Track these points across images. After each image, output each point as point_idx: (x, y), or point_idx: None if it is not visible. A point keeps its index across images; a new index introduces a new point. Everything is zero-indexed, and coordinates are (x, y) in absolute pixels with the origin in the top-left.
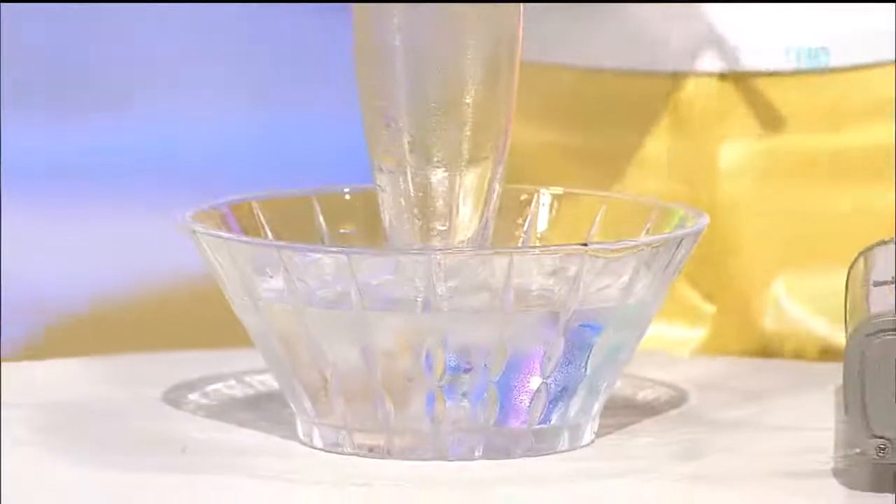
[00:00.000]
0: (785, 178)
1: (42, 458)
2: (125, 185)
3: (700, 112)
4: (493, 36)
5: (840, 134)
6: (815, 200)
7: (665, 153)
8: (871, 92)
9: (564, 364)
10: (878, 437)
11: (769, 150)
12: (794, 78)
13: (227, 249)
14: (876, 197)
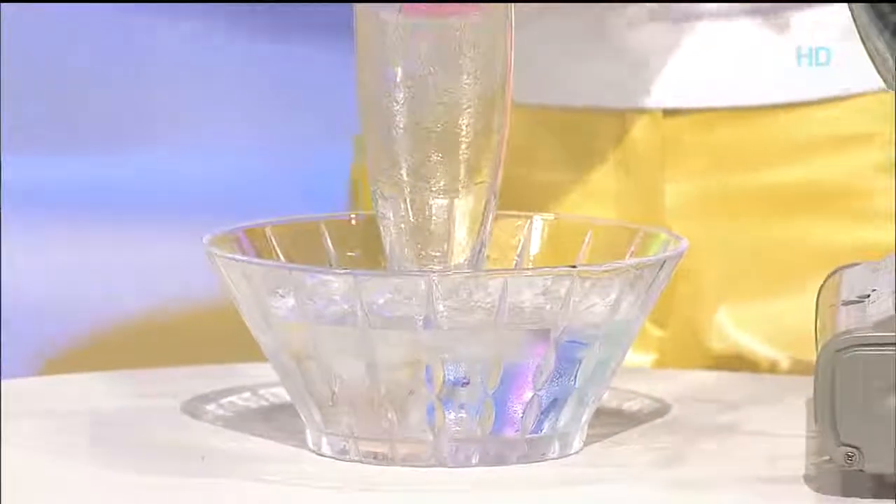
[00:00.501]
0: (727, 213)
1: (72, 464)
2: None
3: (645, 149)
4: (487, 66)
5: (779, 169)
6: (755, 233)
7: (614, 189)
8: (816, 127)
9: (555, 377)
10: (846, 445)
11: (712, 186)
12: (736, 115)
13: (242, 271)
14: (812, 229)
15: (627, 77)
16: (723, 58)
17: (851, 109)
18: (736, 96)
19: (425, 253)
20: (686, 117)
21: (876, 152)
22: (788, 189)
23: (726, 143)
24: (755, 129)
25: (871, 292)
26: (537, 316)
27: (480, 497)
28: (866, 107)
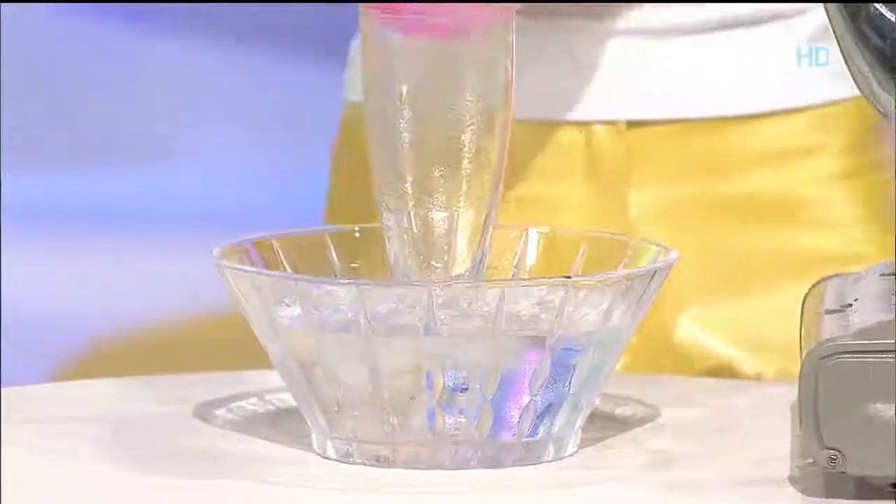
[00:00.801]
0: (691, 221)
1: (88, 466)
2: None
3: (610, 160)
4: (489, 84)
5: (743, 179)
6: (718, 240)
7: (580, 199)
8: (770, 139)
9: (550, 383)
10: (829, 448)
11: (676, 195)
12: (697, 126)
13: (251, 281)
14: (772, 236)
15: (591, 90)
16: (684, 71)
17: (807, 121)
18: (697, 108)
19: (427, 263)
20: (649, 128)
21: (828, 162)
22: (749, 198)
23: (688, 154)
24: (716, 140)
25: (853, 301)
26: (533, 324)
27: (479, 498)
28: (821, 119)
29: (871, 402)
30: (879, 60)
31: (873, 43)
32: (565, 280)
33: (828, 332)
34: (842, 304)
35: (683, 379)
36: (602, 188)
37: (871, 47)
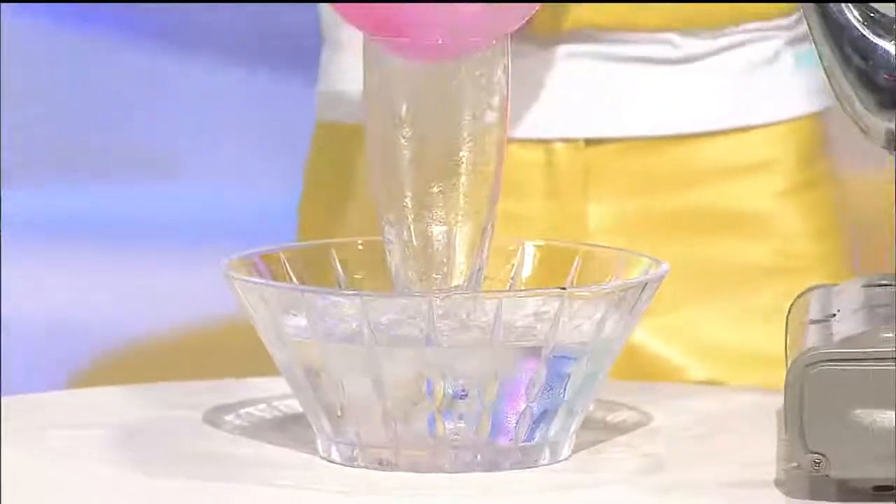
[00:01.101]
0: (645, 233)
1: (98, 470)
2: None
3: (568, 175)
4: (485, 102)
5: (695, 193)
6: (671, 250)
7: (541, 212)
8: (721, 156)
9: (546, 390)
10: (813, 452)
11: (631, 208)
12: (652, 143)
13: (259, 293)
14: (722, 247)
15: (551, 110)
16: (640, 92)
17: (757, 139)
18: (652, 127)
19: (427, 276)
20: (605, 146)
21: (778, 178)
22: (700, 211)
23: (644, 169)
24: (670, 156)
25: (836, 312)
26: (529, 334)
27: (478, 500)
28: (770, 136)
29: (854, 409)
30: (862, 81)
31: (855, 64)
32: (560, 291)
33: (812, 341)
34: (825, 314)
35: (674, 385)
36: (561, 202)
37: (853, 68)
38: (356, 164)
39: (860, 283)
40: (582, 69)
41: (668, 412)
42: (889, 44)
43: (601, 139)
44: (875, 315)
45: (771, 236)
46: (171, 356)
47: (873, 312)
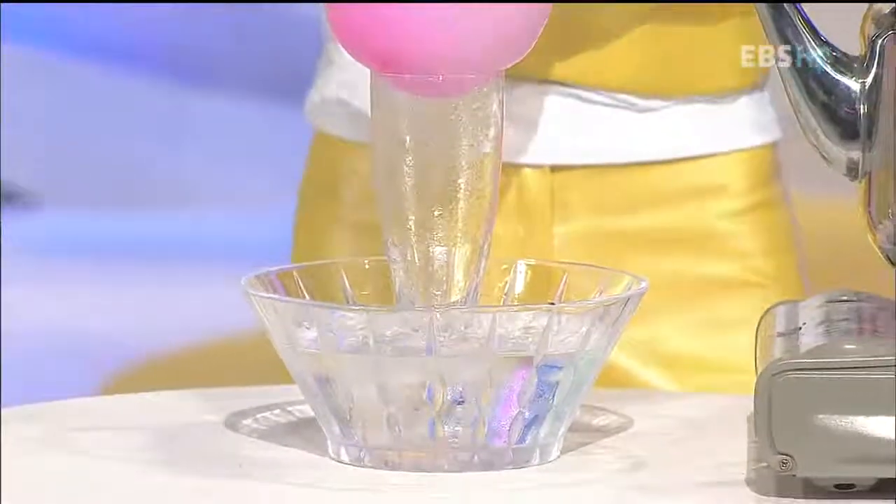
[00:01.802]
0: (607, 251)
1: (126, 468)
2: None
3: (536, 198)
4: (481, 134)
5: (657, 214)
6: (630, 268)
7: (510, 231)
8: (680, 180)
9: (536, 397)
10: (781, 453)
11: (593, 229)
12: (613, 170)
13: (274, 307)
14: (677, 264)
15: (522, 139)
16: (602, 126)
17: (717, 165)
18: (613, 155)
19: (428, 292)
20: (571, 172)
21: (733, 200)
22: (662, 231)
23: (605, 193)
24: (630, 181)
25: (802, 325)
26: (521, 345)
27: (475, 498)
28: (724, 163)
29: (818, 414)
30: (825, 114)
31: (820, 99)
32: (549, 307)
33: (779, 352)
34: (791, 327)
35: (653, 393)
36: (530, 222)
37: (817, 102)
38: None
39: (823, 299)
40: (550, 104)
41: (647, 417)
42: (850, 80)
43: (565, 166)
44: (837, 328)
45: (727, 254)
46: (193, 365)
47: (835, 326)
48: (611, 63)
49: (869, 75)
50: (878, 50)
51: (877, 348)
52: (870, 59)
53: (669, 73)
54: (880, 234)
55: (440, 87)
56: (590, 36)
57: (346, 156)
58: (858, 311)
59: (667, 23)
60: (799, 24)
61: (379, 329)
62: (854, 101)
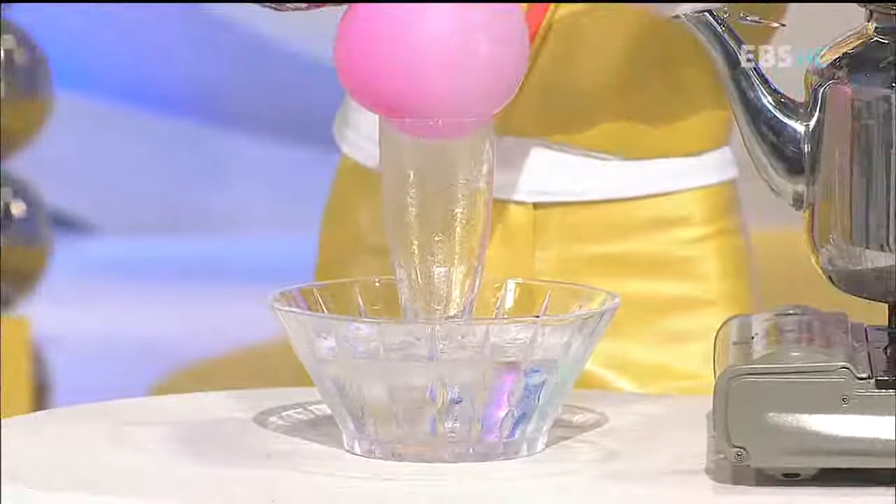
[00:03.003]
0: (582, 275)
1: (170, 458)
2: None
3: (519, 229)
4: (475, 170)
5: (627, 242)
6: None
7: (497, 257)
8: (648, 213)
9: (524, 397)
10: (736, 446)
11: (570, 255)
12: (587, 205)
13: (297, 320)
14: (644, 286)
15: (508, 180)
16: (578, 170)
17: (675, 201)
18: (588, 193)
19: (430, 307)
20: (550, 207)
21: (694, 229)
22: (631, 257)
23: (581, 224)
24: (603, 214)
25: (754, 335)
26: (511, 353)
27: (471, 485)
28: (687, 198)
29: (768, 412)
30: (774, 153)
31: (769, 139)
32: (535, 319)
33: (734, 358)
34: (745, 337)
35: (624, 395)
36: (514, 249)
37: (768, 141)
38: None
39: (773, 313)
40: (532, 153)
41: (620, 415)
42: (796, 124)
43: (546, 203)
44: (785, 338)
45: (687, 276)
46: (227, 370)
47: (783, 336)
48: (583, 127)
49: (812, 119)
50: (820, 97)
51: (818, 355)
52: (813, 105)
53: (639, 138)
54: (822, 257)
55: (439, 131)
56: (566, 102)
57: (366, 182)
58: (803, 323)
59: (638, 90)
60: (753, 76)
61: (388, 339)
62: (799, 141)
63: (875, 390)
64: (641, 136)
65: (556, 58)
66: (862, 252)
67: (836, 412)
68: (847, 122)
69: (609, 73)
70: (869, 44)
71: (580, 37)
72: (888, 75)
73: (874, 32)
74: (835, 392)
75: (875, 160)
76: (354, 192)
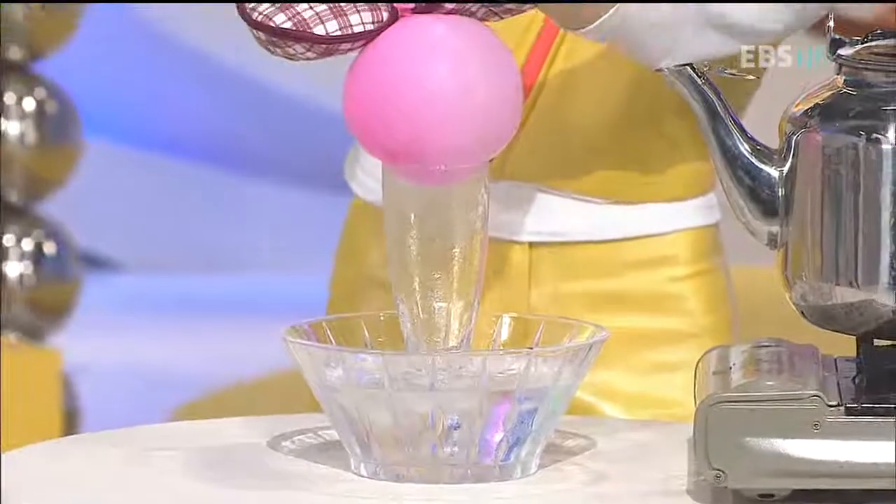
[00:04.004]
0: (574, 310)
1: (186, 480)
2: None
3: (516, 267)
4: (471, 213)
5: (617, 279)
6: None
7: (495, 293)
8: (636, 253)
9: (518, 423)
10: (715, 469)
11: (563, 291)
12: (579, 245)
13: (307, 351)
14: (632, 319)
15: (505, 221)
16: (570, 213)
17: (661, 242)
18: (578, 235)
19: (431, 339)
20: (545, 247)
21: (678, 268)
22: (620, 293)
23: (573, 263)
24: (594, 254)
25: (732, 365)
26: (506, 382)
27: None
28: (671, 240)
29: (745, 437)
30: (750, 196)
31: (746, 183)
32: (528, 351)
33: (714, 387)
34: (724, 367)
35: (611, 421)
36: (510, 285)
37: (745, 186)
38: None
39: (750, 345)
40: (528, 197)
41: (608, 440)
42: (770, 169)
43: (541, 242)
44: (761, 368)
45: (672, 311)
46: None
47: (759, 366)
48: (576, 175)
49: (786, 165)
50: (793, 144)
51: (792, 384)
52: (786, 152)
53: (628, 185)
54: (795, 293)
55: (438, 176)
56: (560, 151)
57: (375, 221)
58: (777, 354)
59: (628, 141)
60: (730, 125)
61: (391, 369)
62: (774, 185)
63: (844, 417)
64: (631, 183)
65: (549, 110)
66: (832, 288)
67: (808, 437)
68: (818, 168)
69: (600, 126)
70: (838, 95)
71: (573, 91)
72: (856, 124)
73: (843, 85)
74: (807, 418)
75: (844, 203)
76: (364, 231)
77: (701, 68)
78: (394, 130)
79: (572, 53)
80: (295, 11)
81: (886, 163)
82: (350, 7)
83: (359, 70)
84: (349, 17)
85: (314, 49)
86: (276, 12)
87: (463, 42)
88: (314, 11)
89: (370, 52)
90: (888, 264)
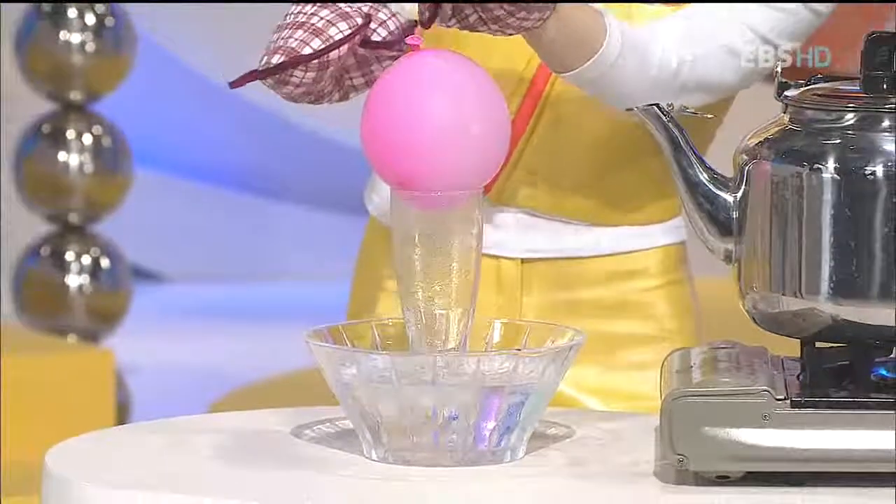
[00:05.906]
0: (563, 317)
1: (225, 463)
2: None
3: (509, 280)
4: (468, 233)
5: (597, 289)
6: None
7: (490, 303)
8: (614, 267)
9: (507, 415)
10: (678, 454)
11: (552, 301)
12: (566, 260)
13: (325, 352)
14: (613, 325)
15: (499, 239)
16: (558, 233)
17: (635, 257)
18: (566, 252)
19: (433, 342)
20: (535, 262)
21: (650, 279)
22: (596, 301)
23: (561, 276)
24: (579, 268)
25: (692, 365)
26: (497, 379)
27: (467, 484)
28: (644, 256)
29: (703, 426)
30: (709, 218)
31: (705, 207)
32: (517, 352)
33: (677, 383)
34: (686, 366)
35: (589, 412)
36: (504, 295)
37: (704, 209)
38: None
39: (708, 346)
40: (520, 219)
41: (586, 428)
42: (726, 195)
43: (531, 259)
44: (717, 367)
45: (644, 317)
46: (271, 393)
47: (716, 365)
48: (563, 202)
49: (739, 191)
50: (745, 173)
51: (744, 380)
52: (740, 180)
53: (609, 211)
54: (747, 302)
55: (439, 201)
56: (549, 181)
57: (389, 239)
58: (732, 355)
59: (610, 175)
60: (691, 157)
61: (398, 368)
62: (729, 209)
63: (790, 409)
64: (611, 209)
65: (541, 145)
66: (779, 298)
67: (758, 426)
68: (767, 194)
69: (585, 161)
70: (785, 131)
71: (563, 130)
72: (800, 156)
73: (789, 122)
74: (757, 410)
75: (790, 224)
76: (379, 247)
77: (666, 108)
78: (400, 160)
79: (560, 100)
80: (284, 46)
81: (826, 189)
82: (326, 24)
83: (371, 106)
84: (328, 32)
85: (311, 67)
86: (271, 55)
87: (461, 78)
88: (297, 39)
89: (381, 89)
90: (828, 277)
